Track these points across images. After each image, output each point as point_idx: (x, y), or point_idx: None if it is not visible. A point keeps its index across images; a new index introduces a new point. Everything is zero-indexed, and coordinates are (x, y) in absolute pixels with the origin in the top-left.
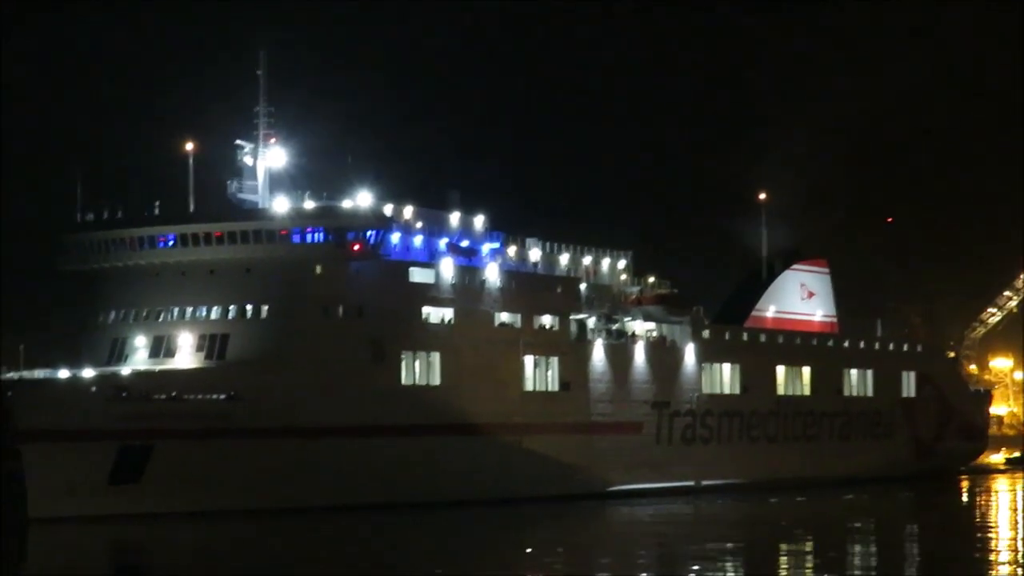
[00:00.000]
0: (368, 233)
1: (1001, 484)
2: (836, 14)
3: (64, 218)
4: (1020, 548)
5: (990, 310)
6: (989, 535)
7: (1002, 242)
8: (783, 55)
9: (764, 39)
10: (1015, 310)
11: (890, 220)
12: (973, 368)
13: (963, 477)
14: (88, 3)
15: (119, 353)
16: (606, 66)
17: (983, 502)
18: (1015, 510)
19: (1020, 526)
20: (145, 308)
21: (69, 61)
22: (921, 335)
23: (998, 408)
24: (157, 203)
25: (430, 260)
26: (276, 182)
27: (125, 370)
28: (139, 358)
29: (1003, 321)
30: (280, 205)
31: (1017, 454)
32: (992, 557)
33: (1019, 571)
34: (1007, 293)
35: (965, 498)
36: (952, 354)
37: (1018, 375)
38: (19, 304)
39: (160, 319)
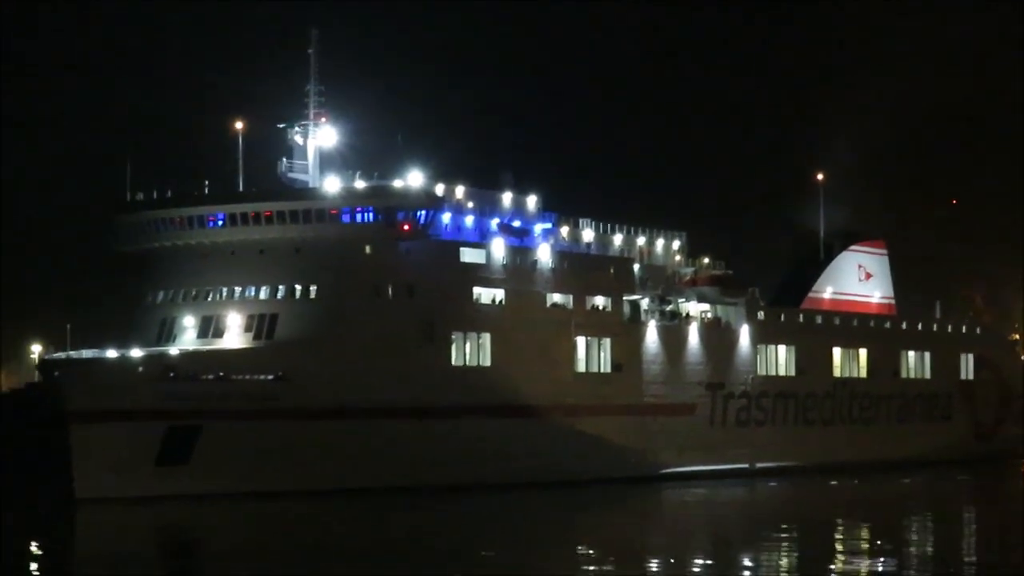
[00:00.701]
0: (419, 213)
1: None
2: None
3: (114, 198)
4: None
5: None
6: None
7: None
8: (845, 33)
9: (826, 16)
10: None
11: (955, 202)
12: None
13: None
14: None
15: (168, 333)
16: (662, 49)
17: None
18: None
19: None
20: (194, 288)
21: (117, 40)
22: (983, 317)
23: None
24: (207, 183)
25: (481, 240)
26: (327, 162)
27: (173, 350)
28: (187, 338)
29: None
30: (331, 185)
31: None
32: None
33: None
34: None
35: None
36: (1017, 336)
37: None
38: (68, 284)
39: (209, 299)
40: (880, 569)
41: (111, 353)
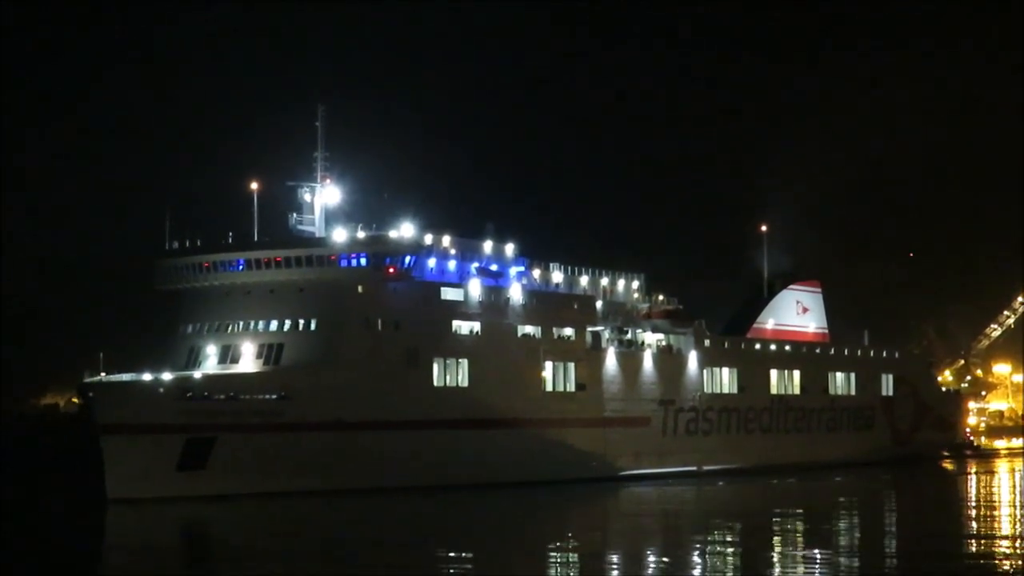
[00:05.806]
0: (404, 258)
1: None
2: (838, 55)
3: (155, 246)
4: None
5: (992, 326)
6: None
7: (1005, 268)
8: (789, 93)
9: (771, 78)
10: (1012, 326)
11: (912, 255)
12: (979, 372)
13: (943, 460)
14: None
15: (194, 359)
16: (625, 115)
17: (947, 481)
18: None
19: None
20: (216, 321)
21: (157, 121)
22: (936, 347)
23: (999, 404)
24: (229, 234)
25: (461, 281)
26: (332, 216)
27: (196, 374)
28: (210, 364)
29: (1004, 335)
30: (338, 236)
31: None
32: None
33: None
34: (1006, 312)
35: (932, 477)
36: (963, 360)
37: (1016, 378)
38: (108, 317)
39: (228, 331)
40: (815, 554)
41: (146, 377)
